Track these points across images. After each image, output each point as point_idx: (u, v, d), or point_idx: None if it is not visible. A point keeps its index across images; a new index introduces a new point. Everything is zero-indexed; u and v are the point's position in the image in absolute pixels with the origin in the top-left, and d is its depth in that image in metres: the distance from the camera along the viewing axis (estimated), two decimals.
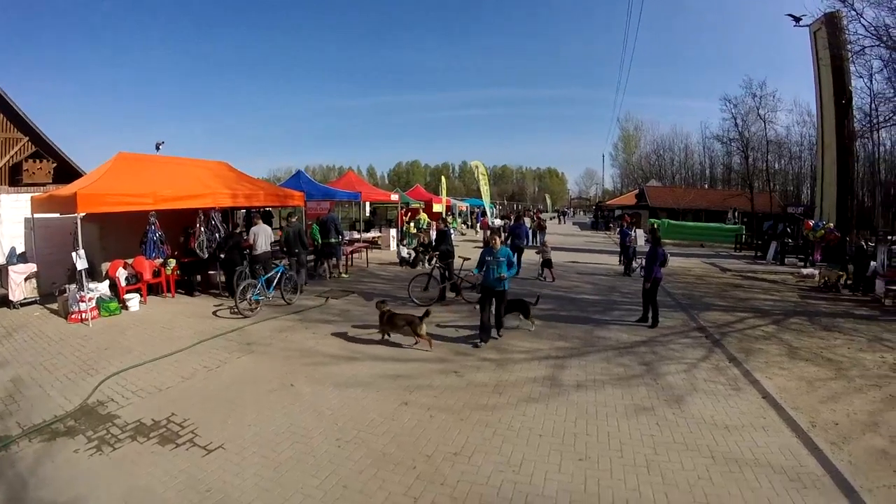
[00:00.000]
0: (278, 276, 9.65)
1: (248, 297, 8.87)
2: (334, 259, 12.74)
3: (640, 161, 73.00)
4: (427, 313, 7.25)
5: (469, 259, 11.32)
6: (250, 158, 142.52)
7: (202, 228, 10.21)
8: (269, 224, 13.24)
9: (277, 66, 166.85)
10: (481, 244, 19.19)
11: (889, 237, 16.66)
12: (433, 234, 16.91)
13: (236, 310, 8.76)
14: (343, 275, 13.07)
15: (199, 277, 10.87)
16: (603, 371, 6.80)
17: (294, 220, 11.40)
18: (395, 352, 6.90)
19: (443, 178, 26.80)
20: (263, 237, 10.31)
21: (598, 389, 6.14)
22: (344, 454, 4.23)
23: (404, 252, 15.67)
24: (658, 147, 71.33)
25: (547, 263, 14.79)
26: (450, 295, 10.43)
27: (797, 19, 23.34)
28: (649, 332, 9.10)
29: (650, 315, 9.34)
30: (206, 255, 10.22)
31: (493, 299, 7.89)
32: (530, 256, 16.94)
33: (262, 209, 13.50)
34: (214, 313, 8.97)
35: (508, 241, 14.76)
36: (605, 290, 13.44)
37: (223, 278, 10.48)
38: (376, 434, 4.62)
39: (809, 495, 4.14)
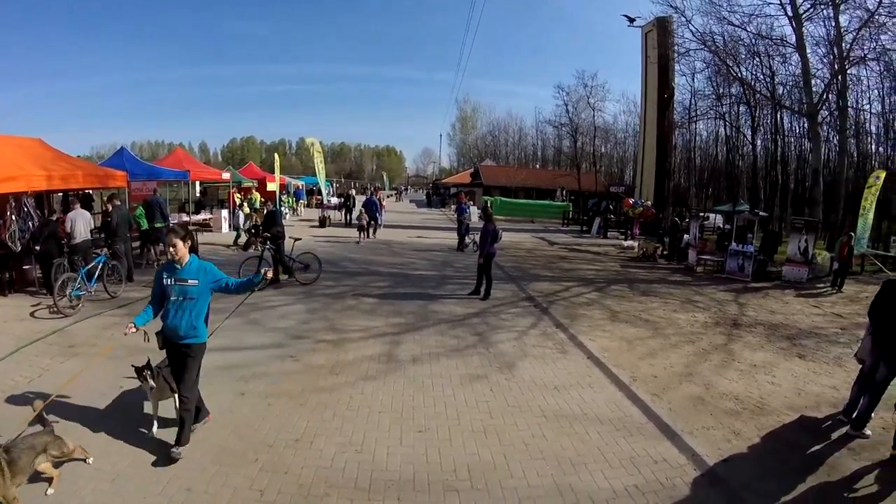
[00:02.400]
0: (100, 266, 10.17)
1: (67, 292, 9.27)
2: (161, 245, 13.71)
3: (476, 141, 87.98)
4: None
5: (300, 239, 13.06)
6: (73, 133, 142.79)
7: (13, 217, 10.34)
8: (90, 208, 14.09)
9: (87, 27, 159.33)
10: (317, 223, 25.36)
11: (700, 214, 21.08)
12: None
13: (55, 308, 9.03)
14: None
15: (11, 273, 10.94)
16: (437, 344, 7.99)
17: (117, 202, 12.11)
18: (229, 340, 7.43)
19: (276, 156, 26.87)
20: (82, 223, 10.81)
21: (434, 362, 7.19)
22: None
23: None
24: (494, 128, 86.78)
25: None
26: (283, 277, 11.79)
27: (631, 20, 29.88)
28: (482, 304, 10.83)
29: (482, 288, 11.26)
30: (20, 248, 10.40)
31: None
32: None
33: (80, 192, 14.31)
34: (32, 314, 9.14)
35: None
36: (440, 265, 15.90)
37: (40, 273, 10.89)
38: (215, 429, 5.03)
39: (636, 441, 5.23)
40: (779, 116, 35.54)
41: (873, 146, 35.39)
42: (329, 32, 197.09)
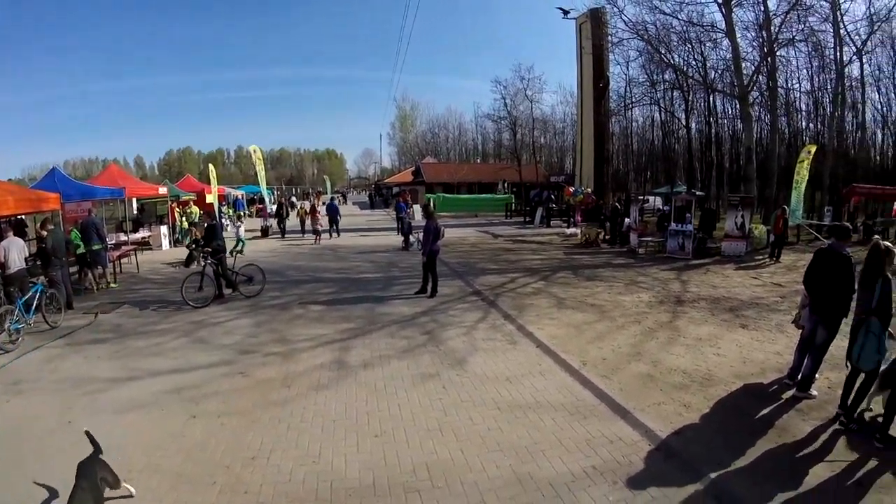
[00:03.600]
0: (38, 295, 9.97)
1: (6, 327, 9.04)
2: (100, 268, 13.57)
3: (416, 139, 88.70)
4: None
5: (242, 252, 13.66)
6: (3, 155, 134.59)
7: None
8: (23, 235, 13.86)
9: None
10: (259, 234, 25.44)
11: (640, 197, 21.71)
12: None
13: None
14: (112, 284, 13.99)
15: None
16: (387, 346, 8.16)
17: (51, 226, 11.81)
18: (176, 362, 7.56)
19: (211, 167, 26.16)
20: (16, 252, 10.51)
21: (385, 364, 7.33)
22: (139, 484, 4.46)
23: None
24: (434, 125, 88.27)
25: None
26: (227, 291, 11.83)
27: (566, 12, 30.73)
28: (429, 302, 11.03)
29: (429, 286, 11.51)
30: None
31: None
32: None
33: (12, 218, 14.02)
34: None
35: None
36: (385, 266, 16.11)
37: None
38: (168, 455, 5.00)
39: (590, 423, 5.47)
40: (711, 99, 37.90)
41: (803, 123, 38.39)
42: (264, 36, 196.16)
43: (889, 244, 5.27)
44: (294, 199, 36.40)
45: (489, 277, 13.46)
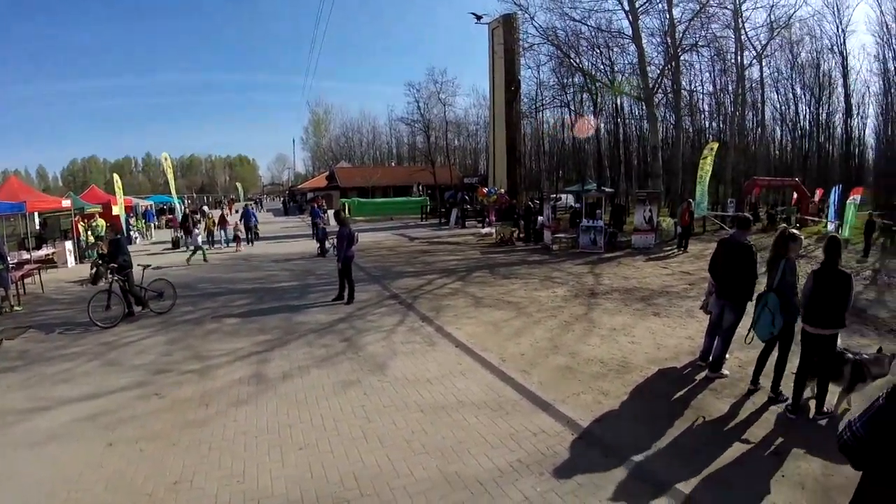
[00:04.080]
0: None
1: None
2: (2, 290, 12.82)
3: (330, 144, 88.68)
4: None
5: (150, 266, 12.38)
6: None
7: None
8: None
9: None
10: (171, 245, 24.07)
11: (552, 196, 21.98)
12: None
13: None
14: (16, 307, 13.14)
15: None
16: (306, 356, 8.02)
17: None
18: (89, 387, 7.19)
19: (116, 177, 24.60)
20: None
21: (305, 375, 7.21)
22: None
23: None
24: (347, 129, 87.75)
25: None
26: (137, 309, 11.28)
27: (479, 18, 31.54)
28: (347, 308, 10.92)
29: (345, 292, 11.43)
30: None
31: None
32: None
33: None
34: None
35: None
36: (301, 274, 15.90)
37: None
38: (87, 488, 4.77)
39: (513, 418, 5.53)
40: (619, 101, 40.19)
41: (707, 122, 42.02)
42: (171, 41, 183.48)
43: (794, 231, 5.66)
44: (206, 207, 34.65)
45: (406, 280, 13.36)
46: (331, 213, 25.57)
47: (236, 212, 27.15)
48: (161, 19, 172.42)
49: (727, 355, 6.34)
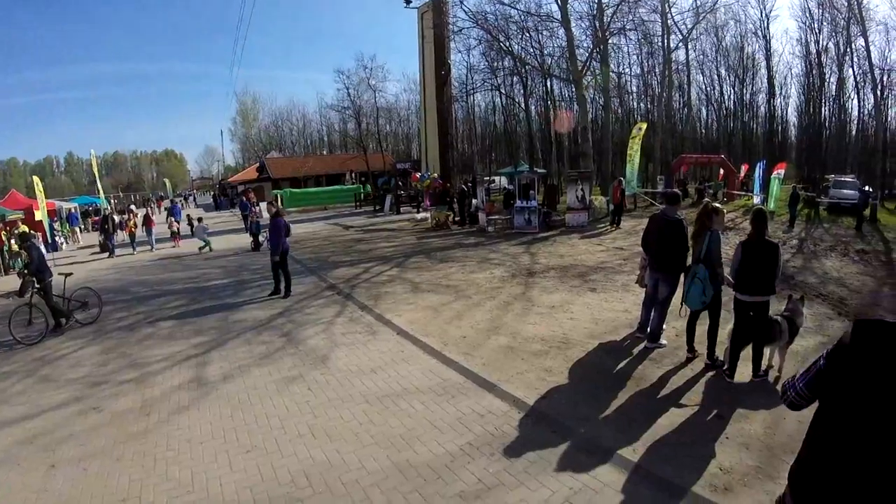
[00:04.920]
0: None
1: None
2: None
3: (259, 134, 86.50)
4: None
5: (72, 274, 11.55)
6: None
7: None
8: None
9: None
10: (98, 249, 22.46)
11: (486, 179, 22.06)
12: None
13: None
14: None
15: None
16: (246, 354, 7.89)
17: None
18: (23, 407, 6.92)
19: (36, 180, 22.82)
20: None
21: (246, 374, 7.10)
22: None
23: None
24: (277, 118, 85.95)
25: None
26: (62, 321, 10.60)
27: (408, 2, 31.36)
28: (284, 302, 10.80)
29: (282, 286, 11.34)
30: None
31: None
32: None
33: None
34: None
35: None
36: (235, 270, 15.66)
37: None
38: None
39: (460, 401, 5.58)
40: (549, 84, 41.29)
41: (635, 103, 44.29)
42: (84, 29, 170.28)
43: (717, 205, 5.96)
44: (133, 206, 32.87)
45: (343, 270, 13.20)
46: (263, 205, 25.07)
47: (165, 210, 26.17)
48: (71, 4, 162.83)
49: (664, 326, 6.58)
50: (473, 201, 20.98)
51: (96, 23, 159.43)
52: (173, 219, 23.67)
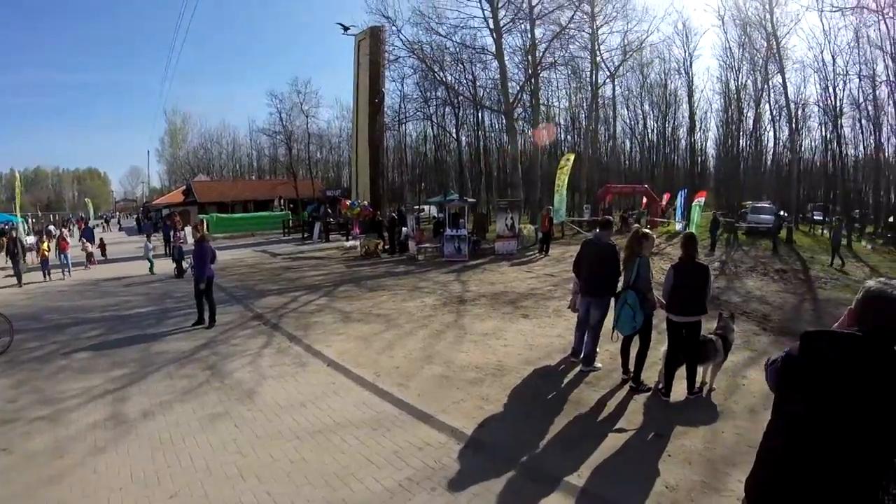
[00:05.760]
0: None
1: None
2: None
3: (188, 155, 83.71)
4: None
5: None
6: None
7: None
8: None
9: None
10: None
11: (416, 207, 22.27)
12: None
13: None
14: None
15: None
16: (168, 389, 7.41)
17: None
18: None
19: None
20: None
21: (167, 411, 6.66)
22: None
23: None
24: (206, 140, 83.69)
25: None
26: None
27: (346, 28, 31.94)
28: (208, 333, 10.36)
29: (206, 315, 10.91)
30: None
31: None
32: None
33: None
34: None
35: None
36: (158, 298, 14.92)
37: None
38: None
39: (395, 435, 5.37)
40: (480, 115, 42.62)
41: (563, 135, 46.24)
42: (9, 34, 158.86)
43: (647, 231, 6.18)
44: (52, 227, 30.90)
45: (270, 299, 12.79)
46: (189, 229, 24.14)
47: (80, 229, 24.86)
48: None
49: (597, 349, 6.66)
50: (403, 229, 20.91)
51: (19, 29, 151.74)
52: (86, 240, 22.43)
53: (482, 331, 8.71)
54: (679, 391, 5.66)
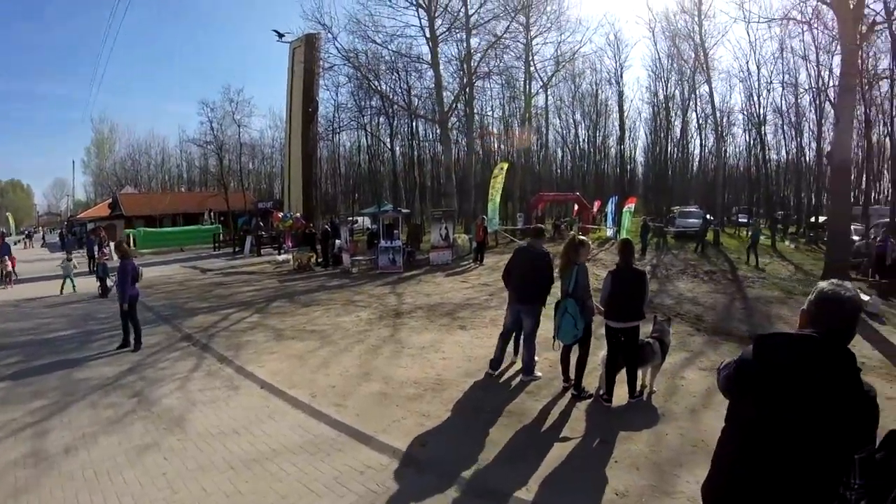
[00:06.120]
0: None
1: None
2: None
3: (115, 167, 79.84)
4: None
5: None
6: None
7: None
8: None
9: None
10: None
11: (349, 219, 22.18)
12: None
13: None
14: None
15: None
16: (91, 420, 6.86)
17: None
18: None
19: None
20: None
21: (91, 445, 6.10)
22: None
23: None
24: (134, 151, 80.00)
25: None
26: None
27: (281, 35, 31.66)
28: (134, 356, 9.74)
29: (132, 337, 10.18)
30: None
31: None
32: None
33: None
34: None
35: None
36: (80, 319, 13.76)
37: None
38: None
39: (335, 459, 5.11)
40: (414, 124, 42.90)
41: (496, 144, 47.25)
42: None
43: (583, 238, 6.20)
44: None
45: (200, 317, 12.17)
46: (113, 245, 23.04)
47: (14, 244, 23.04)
48: None
49: (536, 358, 6.67)
50: (337, 242, 20.59)
51: None
52: (7, 258, 20.99)
53: (420, 344, 8.58)
54: (620, 396, 5.72)
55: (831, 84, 30.27)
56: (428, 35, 26.02)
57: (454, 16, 26.81)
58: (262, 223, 32.60)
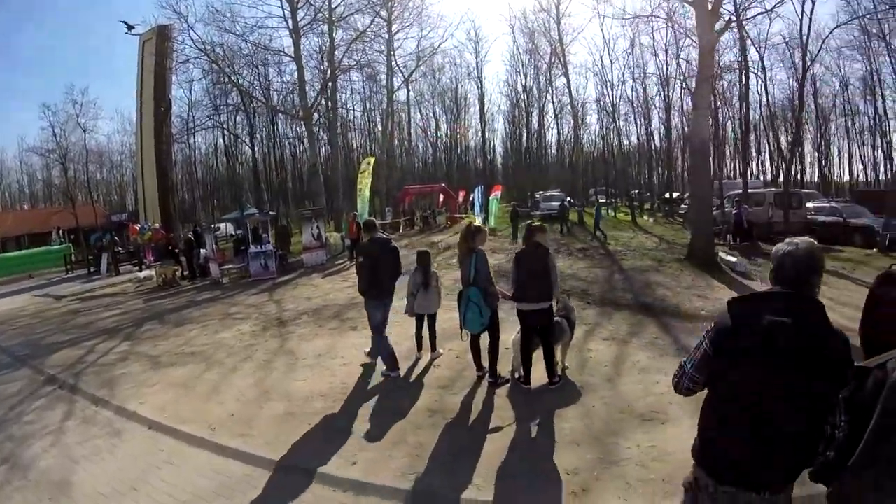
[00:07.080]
0: None
1: None
2: None
3: None
4: None
5: None
6: None
7: None
8: None
9: None
10: None
11: (212, 226, 21.02)
12: None
13: None
14: None
15: None
16: None
17: None
18: None
19: None
20: None
21: None
22: None
23: None
24: None
25: None
26: None
27: (130, 27, 28.24)
28: None
29: None
30: None
31: None
32: None
33: None
34: None
35: None
36: None
37: None
38: None
39: (255, 497, 4.37)
40: (275, 122, 41.66)
41: (358, 140, 47.77)
42: None
43: (479, 224, 6.01)
44: None
45: (63, 353, 10.24)
46: None
47: None
48: None
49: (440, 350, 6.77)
50: (202, 251, 18.95)
51: None
52: None
53: (314, 352, 8.00)
54: (536, 377, 5.70)
55: (678, 75, 34.69)
56: (290, 26, 24.99)
57: (317, 8, 26.06)
58: (117, 238, 29.81)
